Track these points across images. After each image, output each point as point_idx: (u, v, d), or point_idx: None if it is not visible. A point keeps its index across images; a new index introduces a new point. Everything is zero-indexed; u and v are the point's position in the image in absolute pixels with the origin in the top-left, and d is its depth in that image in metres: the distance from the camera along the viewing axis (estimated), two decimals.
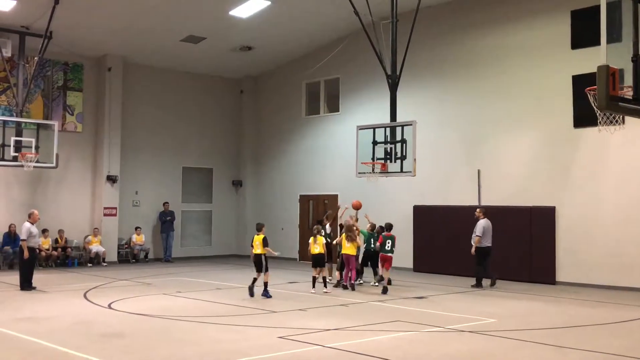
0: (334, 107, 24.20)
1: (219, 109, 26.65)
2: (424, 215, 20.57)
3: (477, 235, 16.72)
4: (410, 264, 20.76)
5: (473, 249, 16.70)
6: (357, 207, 17.26)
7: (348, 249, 15.85)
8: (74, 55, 22.74)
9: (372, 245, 16.68)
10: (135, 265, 22.62)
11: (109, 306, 13.26)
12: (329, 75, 24.04)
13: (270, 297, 14.37)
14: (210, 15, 20.54)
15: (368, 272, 17.27)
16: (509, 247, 18.09)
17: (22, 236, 15.60)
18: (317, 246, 15.58)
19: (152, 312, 12.49)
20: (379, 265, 16.65)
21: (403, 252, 20.70)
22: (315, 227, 16.37)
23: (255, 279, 14.66)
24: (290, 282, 17.36)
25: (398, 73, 16.67)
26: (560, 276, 17.59)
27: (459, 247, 17.78)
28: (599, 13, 7.45)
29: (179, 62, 24.62)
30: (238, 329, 11.03)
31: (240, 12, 20.29)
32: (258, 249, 14.65)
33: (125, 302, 13.81)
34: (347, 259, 15.92)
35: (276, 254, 14.99)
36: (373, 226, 17.04)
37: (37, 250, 17.06)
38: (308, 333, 10.59)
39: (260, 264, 14.63)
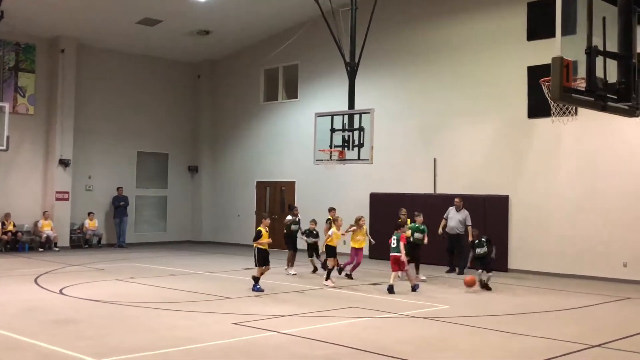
0: (292, 93, 24.13)
1: (176, 93, 26.33)
2: (380, 203, 20.69)
3: (470, 225, 16.91)
4: (365, 251, 20.83)
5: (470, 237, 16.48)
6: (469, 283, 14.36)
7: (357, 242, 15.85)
8: (26, 35, 22.18)
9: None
10: (88, 250, 22.28)
11: (61, 292, 13.03)
12: (288, 62, 23.94)
13: (260, 290, 13.35)
14: None
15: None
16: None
17: None
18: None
19: (104, 298, 12.31)
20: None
21: None
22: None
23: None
24: (245, 269, 17.28)
25: (357, 61, 16.68)
26: (513, 264, 17.90)
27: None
28: (555, 5, 7.55)
29: (134, 45, 24.21)
30: (192, 315, 10.95)
31: None
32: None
33: (77, 288, 13.60)
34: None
35: (265, 241, 13.55)
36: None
37: None
38: (263, 319, 10.58)
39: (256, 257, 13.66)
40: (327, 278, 14.79)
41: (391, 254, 14.04)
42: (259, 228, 13.75)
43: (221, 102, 26.50)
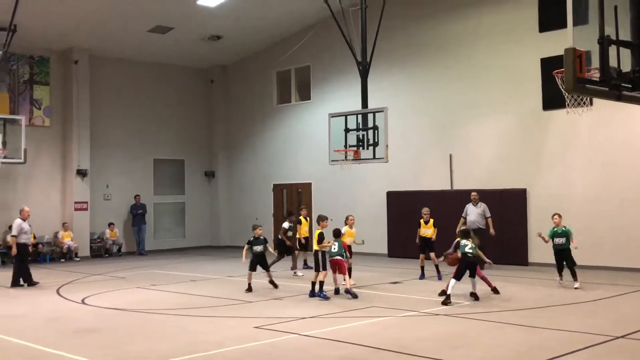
0: (305, 95, 24.14)
1: (190, 99, 26.43)
2: (397, 201, 20.67)
3: (489, 217, 16.89)
4: (384, 250, 20.87)
5: (493, 230, 16.74)
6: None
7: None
8: (40, 48, 22.38)
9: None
10: (109, 259, 22.42)
11: (83, 301, 13.12)
12: (300, 64, 23.96)
13: (325, 298, 12.75)
14: (177, 4, 20.33)
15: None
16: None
17: (13, 232, 15.56)
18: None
19: (126, 307, 12.38)
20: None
21: (377, 238, 20.84)
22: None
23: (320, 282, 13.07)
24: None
25: (368, 60, 16.64)
26: (533, 257, 17.80)
27: None
28: None
29: (147, 53, 24.34)
30: (214, 320, 11.00)
31: (208, 0, 20.10)
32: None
33: (99, 297, 13.69)
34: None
35: (327, 244, 13.15)
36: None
37: (30, 246, 16.86)
38: (284, 322, 10.59)
39: (315, 262, 13.22)
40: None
41: (330, 258, 13.16)
42: (320, 230, 13.24)
43: (235, 106, 26.57)
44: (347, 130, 16.06)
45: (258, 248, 14.28)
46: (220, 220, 26.39)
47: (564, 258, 13.74)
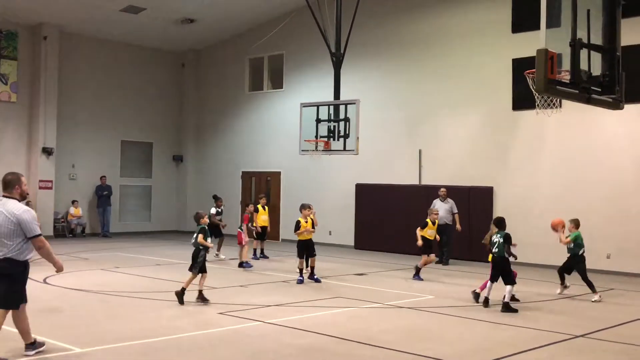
0: (277, 83, 24.07)
1: (160, 82, 26.17)
2: (365, 194, 20.75)
3: (457, 213, 17.27)
4: (351, 242, 20.96)
5: (460, 226, 17.27)
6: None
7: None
8: (8, 22, 21.93)
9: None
10: (72, 240, 22.17)
11: (45, 281, 12.97)
12: (273, 51, 23.86)
13: (301, 282, 13.50)
14: None
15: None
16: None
17: None
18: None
19: (89, 288, 12.28)
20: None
21: (345, 229, 20.94)
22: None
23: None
24: (232, 259, 17.28)
25: (342, 51, 16.66)
26: None
27: (400, 225, 17.96)
28: None
29: (118, 33, 24.01)
30: (178, 305, 10.92)
31: None
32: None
33: (62, 277, 13.45)
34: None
35: (303, 231, 13.62)
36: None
37: None
38: (249, 309, 10.60)
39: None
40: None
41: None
42: (300, 219, 13.67)
43: (206, 92, 26.38)
44: (318, 120, 16.07)
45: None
46: (187, 205, 26.21)
47: (573, 266, 12.87)
